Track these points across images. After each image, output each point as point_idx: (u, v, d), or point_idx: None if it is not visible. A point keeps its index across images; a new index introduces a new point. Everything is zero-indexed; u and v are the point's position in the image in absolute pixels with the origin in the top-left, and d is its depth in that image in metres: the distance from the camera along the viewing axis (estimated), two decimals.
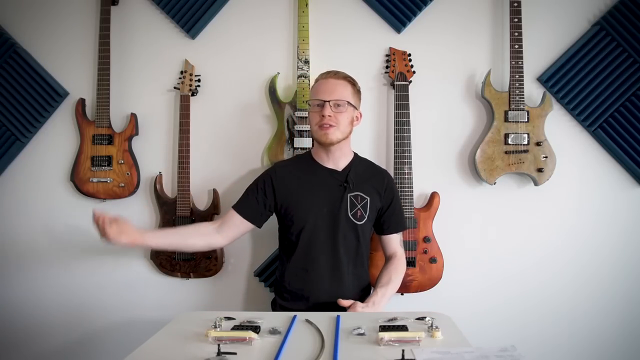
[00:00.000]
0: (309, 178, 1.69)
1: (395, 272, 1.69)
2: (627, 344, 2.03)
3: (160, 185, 2.04)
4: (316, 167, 1.70)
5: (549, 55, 1.99)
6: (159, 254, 2.02)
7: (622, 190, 2.01)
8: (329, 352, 1.06)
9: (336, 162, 1.69)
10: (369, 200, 1.67)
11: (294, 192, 1.67)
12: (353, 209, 1.66)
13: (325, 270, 1.64)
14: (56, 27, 2.08)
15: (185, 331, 1.20)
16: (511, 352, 1.02)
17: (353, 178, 1.68)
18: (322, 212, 1.65)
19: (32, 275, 2.11)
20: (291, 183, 1.68)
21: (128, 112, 2.05)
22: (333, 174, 1.68)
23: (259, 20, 2.04)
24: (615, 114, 1.97)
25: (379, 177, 1.74)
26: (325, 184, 1.67)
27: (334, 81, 1.64)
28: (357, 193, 1.67)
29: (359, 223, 1.66)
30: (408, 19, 1.99)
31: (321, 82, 1.65)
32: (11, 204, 2.11)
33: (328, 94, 1.61)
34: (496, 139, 1.91)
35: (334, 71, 1.67)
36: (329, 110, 1.59)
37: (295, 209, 1.66)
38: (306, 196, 1.66)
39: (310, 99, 1.66)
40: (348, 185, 1.66)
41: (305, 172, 1.70)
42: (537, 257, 2.02)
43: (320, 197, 1.66)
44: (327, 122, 1.59)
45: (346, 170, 1.69)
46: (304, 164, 1.73)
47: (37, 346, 2.11)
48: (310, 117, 1.66)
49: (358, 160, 1.75)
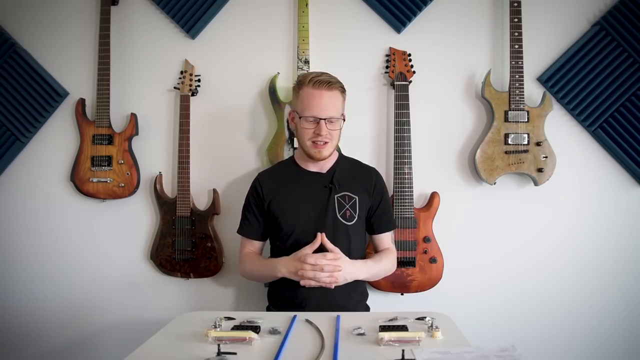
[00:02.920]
0: (294, 184, 1.67)
1: (387, 257, 1.69)
2: (627, 344, 2.03)
3: (160, 185, 2.04)
4: (300, 171, 1.69)
5: (549, 55, 1.99)
6: (159, 254, 2.02)
7: (622, 190, 2.01)
8: (329, 352, 1.06)
9: (321, 165, 1.68)
10: (357, 199, 1.65)
11: (279, 200, 1.66)
12: (342, 210, 1.64)
13: None
14: (56, 27, 2.08)
15: (185, 331, 1.20)
16: (511, 352, 1.02)
17: (339, 178, 1.66)
18: (310, 217, 1.62)
19: (32, 275, 2.11)
20: (276, 191, 1.67)
21: (128, 112, 2.05)
22: (317, 176, 1.67)
23: (259, 20, 2.04)
24: (615, 114, 1.97)
25: (366, 175, 1.72)
26: (310, 188, 1.65)
27: (329, 94, 1.56)
28: (345, 193, 1.65)
29: (349, 224, 1.64)
30: (408, 19, 1.99)
31: (314, 94, 1.56)
32: (11, 204, 2.11)
33: (323, 111, 1.55)
34: (496, 139, 1.91)
35: (326, 80, 1.57)
36: (325, 129, 1.55)
37: (282, 216, 1.64)
38: (292, 202, 1.64)
39: (302, 112, 1.58)
40: (334, 186, 1.64)
41: (290, 178, 1.69)
42: (537, 257, 2.02)
43: (307, 202, 1.64)
44: (322, 140, 1.57)
45: (331, 171, 1.68)
46: (287, 170, 1.72)
47: (37, 346, 2.11)
48: (300, 129, 1.60)
49: (343, 159, 1.73)
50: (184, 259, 2.00)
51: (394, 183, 1.92)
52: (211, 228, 2.01)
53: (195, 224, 1.99)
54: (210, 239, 1.99)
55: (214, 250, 1.99)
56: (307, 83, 1.57)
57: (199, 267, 2.00)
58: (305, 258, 1.48)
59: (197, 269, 2.00)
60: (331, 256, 1.50)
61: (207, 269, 2.00)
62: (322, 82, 1.56)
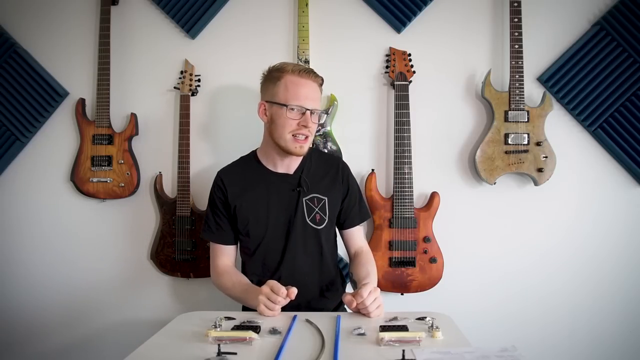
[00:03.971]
0: (260, 188, 1.56)
1: (370, 265, 1.54)
2: (627, 344, 2.03)
3: (160, 185, 2.04)
4: (265, 173, 1.58)
5: (549, 55, 1.99)
6: (159, 254, 2.02)
7: (622, 190, 2.01)
8: (329, 352, 1.06)
9: (287, 165, 1.57)
10: (326, 200, 1.56)
11: (246, 205, 1.55)
12: (311, 214, 1.54)
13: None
14: (56, 27, 2.08)
15: (185, 331, 1.20)
16: (511, 352, 1.02)
17: (307, 179, 1.56)
18: (279, 223, 1.54)
19: (32, 275, 2.11)
20: (242, 195, 1.56)
21: (128, 112, 2.05)
22: (285, 178, 1.57)
23: (259, 20, 2.04)
24: (615, 114, 1.97)
25: (333, 170, 1.62)
26: (277, 192, 1.55)
27: (314, 85, 1.48)
28: (313, 195, 1.56)
29: (319, 227, 1.56)
30: (408, 19, 1.99)
31: (300, 82, 1.46)
32: (11, 204, 2.11)
33: (310, 101, 1.46)
34: (496, 139, 1.91)
35: (311, 70, 1.49)
36: (310, 121, 1.45)
37: (251, 222, 1.54)
38: (261, 208, 1.54)
39: (286, 101, 1.45)
40: (302, 189, 1.54)
41: (255, 180, 1.57)
42: (537, 256, 2.02)
43: (275, 208, 1.54)
44: (305, 133, 1.46)
45: (298, 171, 1.57)
46: (250, 171, 1.60)
47: (37, 346, 2.11)
48: (279, 121, 1.47)
49: (310, 156, 1.61)
50: (184, 259, 2.00)
51: (394, 183, 1.92)
52: None
53: (195, 224, 1.99)
54: None
55: None
56: (290, 71, 1.47)
57: (199, 267, 2.00)
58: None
59: (197, 269, 2.00)
60: (362, 298, 1.30)
61: (207, 269, 1.97)
62: (308, 71, 1.49)
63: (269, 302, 1.30)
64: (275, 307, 1.30)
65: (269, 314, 1.31)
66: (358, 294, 1.30)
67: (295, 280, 1.46)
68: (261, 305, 1.31)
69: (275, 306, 1.30)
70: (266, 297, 1.31)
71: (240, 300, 1.52)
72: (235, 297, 1.53)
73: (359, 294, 1.30)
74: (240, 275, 1.55)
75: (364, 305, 1.30)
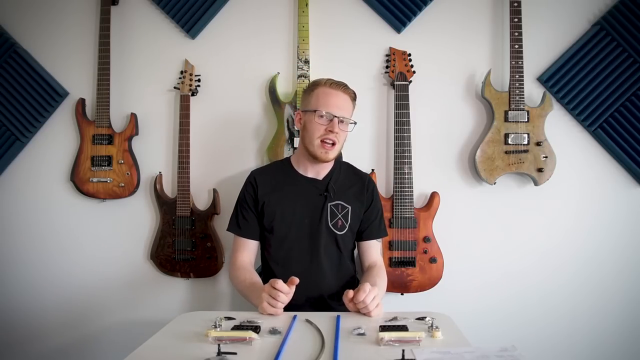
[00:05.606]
0: (289, 188, 1.64)
1: (380, 278, 1.56)
2: (626, 344, 2.03)
3: (160, 185, 2.04)
4: (296, 176, 1.66)
5: (549, 55, 1.99)
6: (159, 254, 2.02)
7: (622, 190, 2.01)
8: (329, 352, 1.06)
9: (317, 171, 1.66)
10: (350, 209, 1.63)
11: (274, 203, 1.63)
12: (334, 219, 1.62)
13: (307, 283, 1.44)
14: (56, 27, 2.08)
15: (185, 331, 1.20)
16: (511, 351, 1.02)
17: (334, 186, 1.64)
18: (304, 223, 1.61)
19: (32, 275, 2.11)
20: (271, 193, 1.64)
21: (128, 112, 2.05)
22: (313, 183, 1.65)
23: (259, 20, 2.04)
24: (615, 114, 1.97)
25: (359, 183, 1.70)
26: (305, 194, 1.63)
27: (345, 96, 1.58)
28: (338, 202, 1.63)
29: (339, 233, 1.62)
30: (408, 19, 1.99)
31: (331, 92, 1.57)
32: (11, 204, 2.11)
33: (338, 109, 1.56)
34: (496, 139, 1.91)
35: (343, 84, 1.60)
36: (337, 127, 1.54)
37: (277, 220, 1.62)
38: (286, 207, 1.62)
39: (315, 107, 1.56)
40: (328, 194, 1.62)
41: (285, 182, 1.66)
42: (537, 256, 2.02)
43: (301, 208, 1.62)
44: (332, 139, 1.55)
45: (327, 178, 1.66)
46: (283, 172, 1.69)
47: (37, 346, 2.11)
48: (309, 126, 1.57)
49: (339, 166, 1.71)
50: (184, 259, 2.00)
51: (394, 183, 1.92)
52: (211, 228, 2.01)
53: (195, 224, 1.99)
54: (210, 239, 1.99)
55: (214, 250, 1.99)
56: (323, 84, 1.59)
57: (199, 267, 2.00)
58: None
59: (197, 269, 2.00)
60: (365, 293, 1.32)
61: (207, 269, 2.00)
62: (339, 83, 1.60)
63: (271, 299, 1.32)
64: (277, 305, 1.32)
65: (271, 312, 1.33)
66: (360, 289, 1.33)
67: (312, 281, 1.56)
68: (264, 302, 1.33)
69: (277, 303, 1.32)
70: (268, 294, 1.33)
71: (245, 297, 1.56)
72: (242, 293, 1.57)
73: (362, 289, 1.32)
74: (254, 274, 1.60)
75: (364, 304, 1.32)
